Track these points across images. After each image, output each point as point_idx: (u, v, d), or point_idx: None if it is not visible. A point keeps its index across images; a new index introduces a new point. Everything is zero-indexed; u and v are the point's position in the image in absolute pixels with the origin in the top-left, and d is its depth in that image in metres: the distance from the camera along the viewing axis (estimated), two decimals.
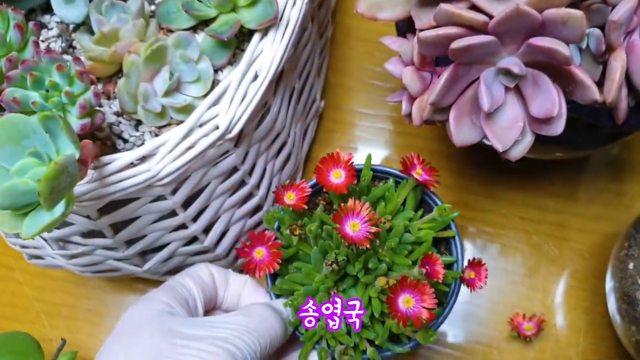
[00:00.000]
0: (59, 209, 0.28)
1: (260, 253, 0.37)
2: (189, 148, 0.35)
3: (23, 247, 0.44)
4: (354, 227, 0.35)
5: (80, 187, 0.33)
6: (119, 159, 0.34)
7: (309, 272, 0.38)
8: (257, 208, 0.45)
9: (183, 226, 0.40)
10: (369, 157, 0.39)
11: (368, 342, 0.38)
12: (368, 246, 0.35)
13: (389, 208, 0.39)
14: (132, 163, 0.35)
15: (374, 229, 0.35)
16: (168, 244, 0.41)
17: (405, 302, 0.34)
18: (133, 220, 0.38)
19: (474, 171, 0.55)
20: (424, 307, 0.34)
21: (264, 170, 0.44)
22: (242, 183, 0.42)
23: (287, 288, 0.38)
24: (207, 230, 0.42)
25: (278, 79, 0.40)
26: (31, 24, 0.35)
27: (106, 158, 0.35)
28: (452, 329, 0.51)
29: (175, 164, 0.35)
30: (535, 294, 0.51)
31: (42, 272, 0.56)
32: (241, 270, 0.38)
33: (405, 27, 0.41)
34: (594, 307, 0.50)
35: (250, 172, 0.42)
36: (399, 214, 0.40)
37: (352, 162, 0.38)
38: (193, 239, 0.42)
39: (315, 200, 0.40)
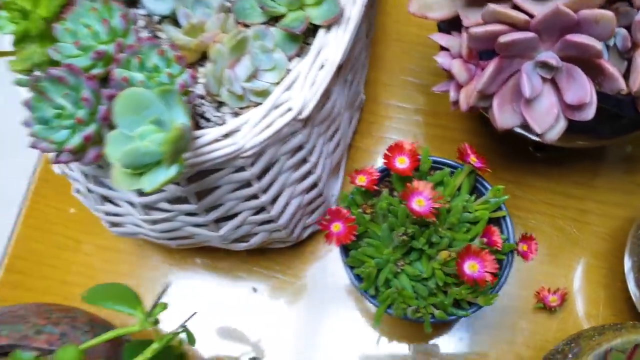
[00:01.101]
0: (174, 168, 0.34)
1: (337, 227, 0.43)
2: (268, 126, 0.41)
3: (107, 213, 0.50)
4: (420, 203, 0.41)
5: None
6: (209, 134, 0.40)
7: (378, 246, 0.44)
8: (313, 185, 0.51)
9: (255, 196, 0.46)
10: (427, 149, 0.45)
11: (434, 307, 0.44)
12: (433, 219, 0.40)
13: (447, 192, 0.45)
14: (216, 139, 0.41)
15: (437, 205, 0.40)
16: (240, 212, 0.47)
17: (471, 267, 0.40)
18: (214, 189, 0.44)
19: (503, 161, 0.61)
20: (487, 272, 0.40)
21: (321, 151, 0.49)
22: (303, 161, 0.47)
23: (359, 259, 0.44)
24: (273, 201, 0.47)
25: (338, 70, 0.46)
26: (131, 13, 0.41)
27: (197, 132, 0.40)
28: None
29: (257, 139, 0.41)
30: (559, 271, 0.56)
31: (109, 245, 0.62)
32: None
33: (447, 26, 0.46)
34: (613, 284, 0.55)
35: (311, 151, 0.47)
36: (455, 197, 0.45)
37: (415, 150, 0.43)
38: (261, 209, 0.47)
39: (379, 187, 0.46)
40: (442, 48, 0.45)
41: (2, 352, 0.42)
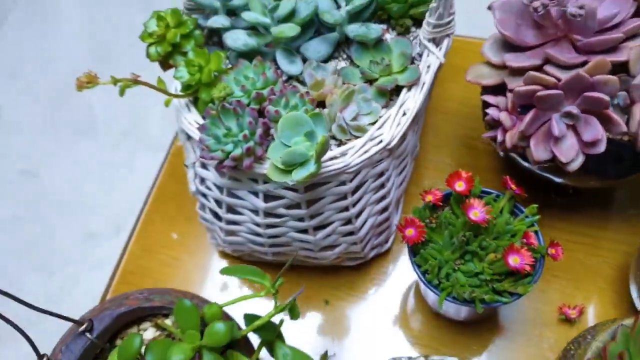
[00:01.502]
0: (315, 166, 0.49)
1: (410, 231, 0.57)
2: (365, 152, 0.57)
3: (228, 222, 0.64)
4: (475, 214, 0.55)
5: None
6: (327, 154, 0.56)
7: (440, 250, 0.58)
8: (385, 209, 0.65)
9: (346, 209, 0.60)
10: (478, 178, 0.60)
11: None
12: (486, 225, 0.55)
13: (493, 212, 0.59)
14: (332, 157, 0.56)
15: (488, 215, 0.55)
16: (333, 222, 0.61)
17: (514, 260, 0.54)
18: (320, 199, 0.58)
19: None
20: (525, 264, 0.54)
21: (394, 182, 0.64)
22: (382, 186, 0.62)
23: (425, 258, 0.58)
24: (357, 215, 0.62)
25: (413, 118, 0.62)
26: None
27: None
28: (520, 316, 0.69)
29: (358, 159, 0.56)
30: (578, 292, 0.69)
31: (204, 264, 0.76)
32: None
33: (491, 91, 0.63)
34: (621, 304, 0.68)
35: (388, 179, 0.62)
36: (499, 216, 0.60)
37: (470, 176, 0.59)
38: (348, 222, 0.62)
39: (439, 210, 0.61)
40: (489, 105, 0.61)
41: (159, 313, 0.55)
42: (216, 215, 0.65)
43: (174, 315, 0.51)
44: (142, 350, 0.50)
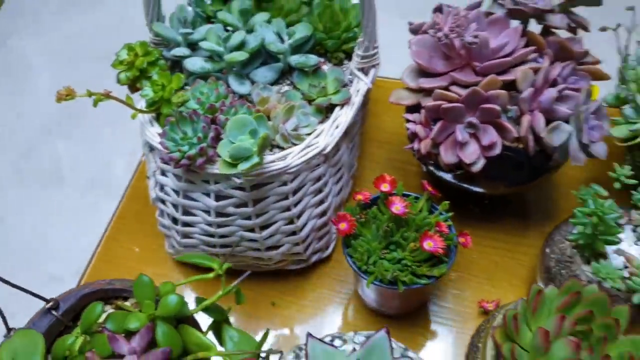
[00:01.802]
0: (257, 159, 0.59)
1: (343, 225, 0.67)
2: (303, 156, 0.67)
3: (184, 224, 0.72)
4: (397, 208, 0.65)
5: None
6: (270, 156, 0.65)
7: (368, 241, 0.68)
8: (324, 213, 0.75)
9: (288, 208, 0.70)
10: (401, 183, 0.70)
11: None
12: (406, 217, 0.65)
13: (413, 209, 0.69)
14: (273, 160, 0.66)
15: (408, 209, 0.65)
16: (277, 221, 0.70)
17: (428, 244, 0.64)
18: (265, 198, 0.68)
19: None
20: (438, 248, 0.63)
21: (331, 188, 0.74)
22: (319, 191, 0.72)
23: (356, 248, 0.67)
24: (299, 216, 0.71)
25: (345, 133, 0.73)
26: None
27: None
28: (445, 311, 0.78)
29: (297, 161, 0.66)
30: (494, 290, 0.79)
31: (165, 273, 0.83)
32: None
33: (410, 109, 0.74)
34: None
35: (325, 184, 0.72)
36: (418, 213, 0.70)
37: (394, 180, 0.69)
38: (290, 222, 0.71)
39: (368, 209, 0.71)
40: (409, 121, 0.73)
41: (120, 296, 0.62)
42: (174, 220, 0.74)
43: (134, 289, 0.58)
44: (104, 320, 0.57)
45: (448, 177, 0.74)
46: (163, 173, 0.70)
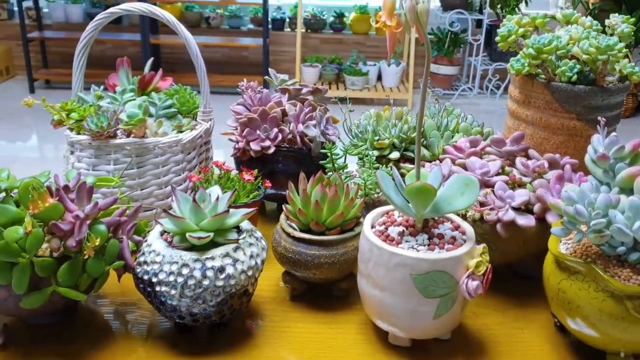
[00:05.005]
0: (141, 115, 1.08)
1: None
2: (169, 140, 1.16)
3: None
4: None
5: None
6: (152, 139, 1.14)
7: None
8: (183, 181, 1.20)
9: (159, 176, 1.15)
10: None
11: None
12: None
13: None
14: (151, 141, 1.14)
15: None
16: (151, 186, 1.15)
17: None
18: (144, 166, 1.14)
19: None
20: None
21: (185, 165, 1.21)
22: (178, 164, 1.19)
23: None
24: (166, 184, 1.17)
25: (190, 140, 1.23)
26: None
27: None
28: None
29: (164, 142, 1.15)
30: None
31: None
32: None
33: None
34: None
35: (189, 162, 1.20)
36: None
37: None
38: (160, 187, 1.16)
39: None
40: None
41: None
42: None
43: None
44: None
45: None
46: (79, 161, 1.14)
